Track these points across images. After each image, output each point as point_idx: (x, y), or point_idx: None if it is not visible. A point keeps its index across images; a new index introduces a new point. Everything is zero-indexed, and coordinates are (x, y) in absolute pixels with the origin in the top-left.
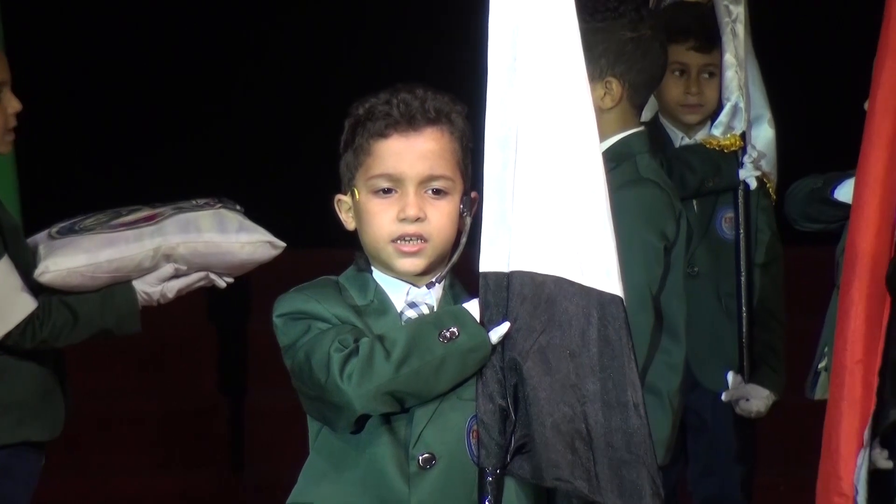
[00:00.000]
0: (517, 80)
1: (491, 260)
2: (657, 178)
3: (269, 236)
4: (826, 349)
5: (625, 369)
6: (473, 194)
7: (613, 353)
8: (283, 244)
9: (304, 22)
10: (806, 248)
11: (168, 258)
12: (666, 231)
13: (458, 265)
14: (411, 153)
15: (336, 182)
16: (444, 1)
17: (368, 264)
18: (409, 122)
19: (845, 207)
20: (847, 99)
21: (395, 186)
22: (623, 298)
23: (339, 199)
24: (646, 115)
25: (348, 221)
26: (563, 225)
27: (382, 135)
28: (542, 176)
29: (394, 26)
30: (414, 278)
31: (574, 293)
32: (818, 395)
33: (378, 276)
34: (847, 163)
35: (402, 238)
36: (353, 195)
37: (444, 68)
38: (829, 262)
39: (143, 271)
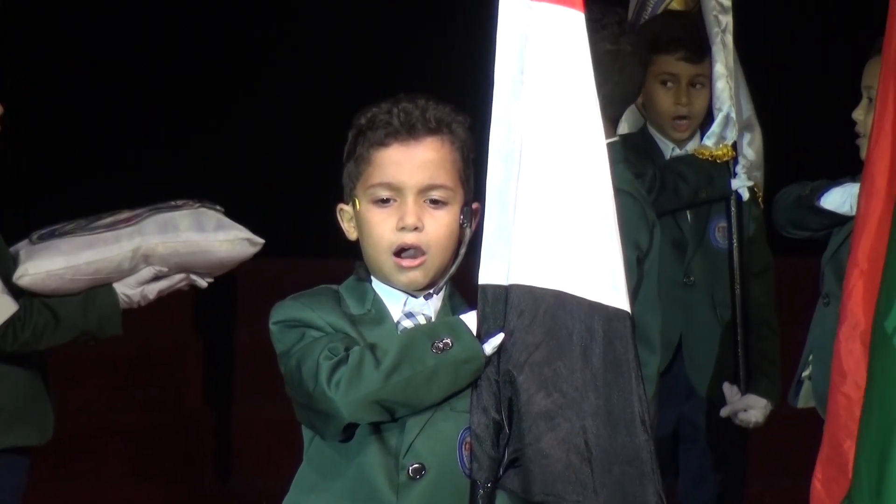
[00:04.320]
0: (523, 92)
1: (490, 273)
2: (630, 188)
3: (246, 233)
4: (810, 358)
5: (631, 384)
6: (475, 205)
7: (620, 368)
8: (261, 241)
9: (311, 30)
10: (792, 258)
11: (147, 259)
12: (639, 241)
13: (460, 276)
14: (411, 162)
15: (331, 192)
16: (452, 12)
17: (368, 274)
18: (409, 131)
19: (831, 215)
20: (832, 106)
21: (394, 196)
22: (630, 313)
23: (342, 209)
24: (631, 127)
25: (350, 231)
26: (568, 239)
27: (382, 144)
28: (546, 189)
29: (401, 36)
30: (413, 289)
31: (576, 307)
32: (801, 404)
33: (377, 285)
34: (832, 170)
35: (402, 250)
36: (354, 205)
37: (450, 79)
38: (813, 273)
39: (122, 273)
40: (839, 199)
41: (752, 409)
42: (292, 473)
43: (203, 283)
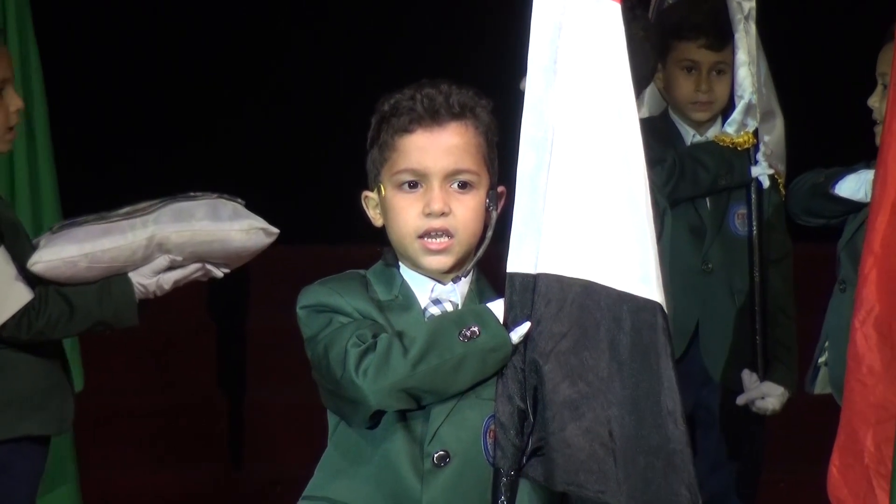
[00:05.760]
0: (556, 81)
1: (518, 261)
2: None
3: (262, 223)
4: (826, 344)
5: (661, 376)
6: (500, 188)
7: (647, 359)
8: (276, 231)
9: (335, 17)
10: (809, 244)
11: (162, 247)
12: None
13: (489, 264)
14: (436, 148)
15: (347, 179)
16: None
17: (396, 259)
18: (433, 116)
19: (846, 203)
20: (852, 94)
21: (420, 181)
22: (663, 304)
23: (367, 196)
24: (653, 110)
25: (376, 218)
26: (598, 229)
27: (407, 130)
28: (577, 179)
29: (428, 25)
30: (440, 274)
31: (604, 297)
32: (818, 390)
33: (404, 271)
34: (853, 157)
35: (428, 234)
36: (379, 191)
37: (477, 67)
38: (829, 259)
39: (137, 262)
40: (854, 185)
41: (769, 396)
42: (306, 458)
43: (219, 273)
